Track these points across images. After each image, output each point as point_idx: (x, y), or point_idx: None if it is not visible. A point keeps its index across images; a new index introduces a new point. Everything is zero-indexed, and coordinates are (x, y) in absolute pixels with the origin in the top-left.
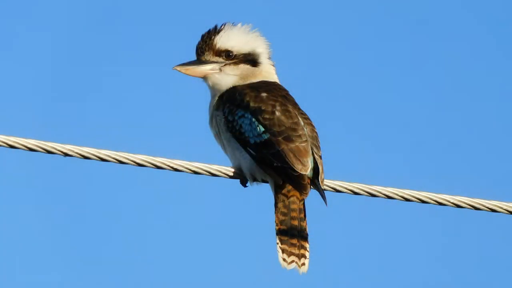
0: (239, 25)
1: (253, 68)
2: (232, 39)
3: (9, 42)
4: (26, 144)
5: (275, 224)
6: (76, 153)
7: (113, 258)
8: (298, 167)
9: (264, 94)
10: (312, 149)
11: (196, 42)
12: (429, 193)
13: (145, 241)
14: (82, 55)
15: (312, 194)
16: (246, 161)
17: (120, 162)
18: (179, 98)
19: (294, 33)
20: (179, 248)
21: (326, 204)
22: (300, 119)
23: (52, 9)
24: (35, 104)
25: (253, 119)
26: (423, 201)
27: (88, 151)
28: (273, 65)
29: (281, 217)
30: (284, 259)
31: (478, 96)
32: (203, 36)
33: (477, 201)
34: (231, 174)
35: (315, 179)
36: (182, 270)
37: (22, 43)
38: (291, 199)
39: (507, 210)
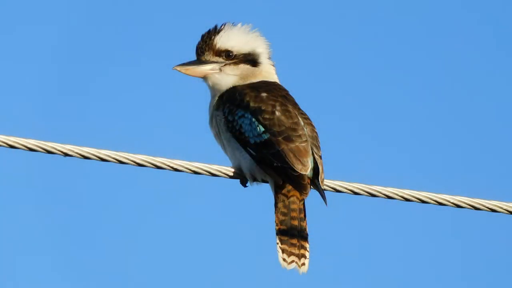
0: (239, 25)
1: (253, 68)
2: (232, 39)
3: (9, 42)
4: (26, 144)
5: (275, 224)
6: (76, 153)
7: (113, 258)
8: (298, 167)
9: (264, 94)
10: (312, 149)
11: (196, 42)
12: (429, 193)
13: (145, 241)
14: (82, 55)
15: (312, 194)
16: (246, 161)
17: (120, 162)
18: (179, 98)
19: (294, 33)
20: (179, 248)
21: (326, 204)
22: (300, 119)
23: (52, 9)
24: (35, 104)
25: (253, 119)
26: (423, 201)
27: (88, 151)
28: (273, 65)
29: (281, 217)
30: (284, 259)
31: (478, 96)
32: (203, 36)
33: (477, 201)
34: (231, 174)
35: (315, 179)
36: (182, 270)
37: (21, 43)
38: (291, 199)
39: (507, 210)
